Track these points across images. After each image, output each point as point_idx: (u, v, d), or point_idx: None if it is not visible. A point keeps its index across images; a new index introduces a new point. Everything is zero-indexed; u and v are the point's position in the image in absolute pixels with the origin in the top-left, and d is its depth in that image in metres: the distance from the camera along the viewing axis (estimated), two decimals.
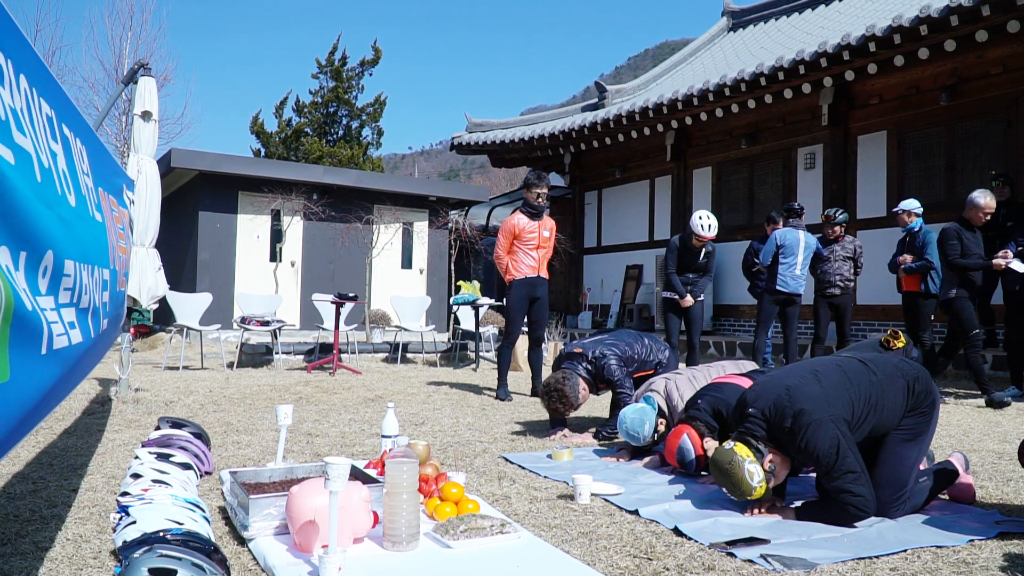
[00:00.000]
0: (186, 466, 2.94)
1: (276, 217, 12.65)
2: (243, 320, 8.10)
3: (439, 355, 9.55)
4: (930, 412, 2.81)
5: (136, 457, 2.91)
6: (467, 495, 2.70)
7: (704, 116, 11.14)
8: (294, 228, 12.82)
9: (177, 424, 3.46)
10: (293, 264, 12.91)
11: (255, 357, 8.63)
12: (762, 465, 2.64)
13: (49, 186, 1.69)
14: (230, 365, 8.18)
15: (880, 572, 2.20)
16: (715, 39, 15.59)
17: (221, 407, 5.27)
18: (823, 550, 2.35)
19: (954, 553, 2.36)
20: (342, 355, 8.67)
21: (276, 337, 8.56)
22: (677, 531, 2.55)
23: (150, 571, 1.75)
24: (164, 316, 10.42)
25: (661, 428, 3.69)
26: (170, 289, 6.54)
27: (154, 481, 2.60)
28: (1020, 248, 6.01)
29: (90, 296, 2.12)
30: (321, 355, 8.80)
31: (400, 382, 7.10)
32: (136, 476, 2.66)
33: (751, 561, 2.25)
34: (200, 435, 3.42)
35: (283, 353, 8.92)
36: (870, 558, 2.30)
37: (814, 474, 3.00)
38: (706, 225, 6.29)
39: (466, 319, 9.99)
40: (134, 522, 2.18)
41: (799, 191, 10.66)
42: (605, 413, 4.98)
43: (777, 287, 7.00)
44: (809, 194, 10.43)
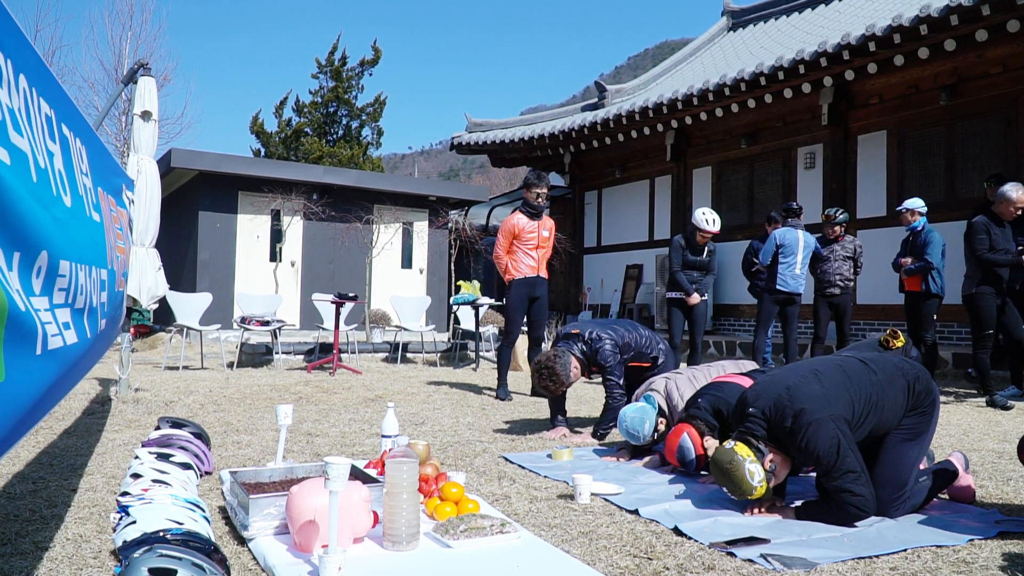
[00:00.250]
0: (186, 466, 2.94)
1: (276, 217, 12.65)
2: (243, 320, 8.10)
3: (439, 355, 9.55)
4: (930, 412, 2.81)
5: (136, 457, 2.91)
6: (467, 495, 2.70)
7: (704, 116, 11.14)
8: (294, 228, 12.82)
9: (177, 424, 3.46)
10: (293, 264, 12.91)
11: (255, 357, 8.63)
12: (762, 465, 2.64)
13: (45, 186, 1.69)
14: (230, 365, 8.19)
15: (880, 572, 2.20)
16: (715, 39, 15.59)
17: (221, 407, 5.27)
18: (823, 550, 2.35)
19: (954, 553, 2.36)
20: (342, 355, 8.67)
21: (276, 337, 8.56)
22: (677, 531, 2.55)
23: (150, 571, 1.75)
24: (164, 316, 10.42)
25: (661, 427, 3.69)
26: (170, 289, 6.54)
27: (154, 481, 2.60)
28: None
29: (86, 296, 2.12)
30: (321, 355, 8.80)
31: (400, 382, 7.10)
32: (136, 476, 2.66)
33: (751, 561, 2.25)
34: (200, 435, 3.43)
35: (283, 353, 8.92)
36: (870, 558, 2.30)
37: (814, 474, 3.00)
38: (710, 219, 6.31)
39: (466, 319, 10.00)
40: (134, 522, 2.18)
41: (799, 191, 10.66)
42: None
43: (777, 286, 6.99)
44: (809, 194, 10.43)
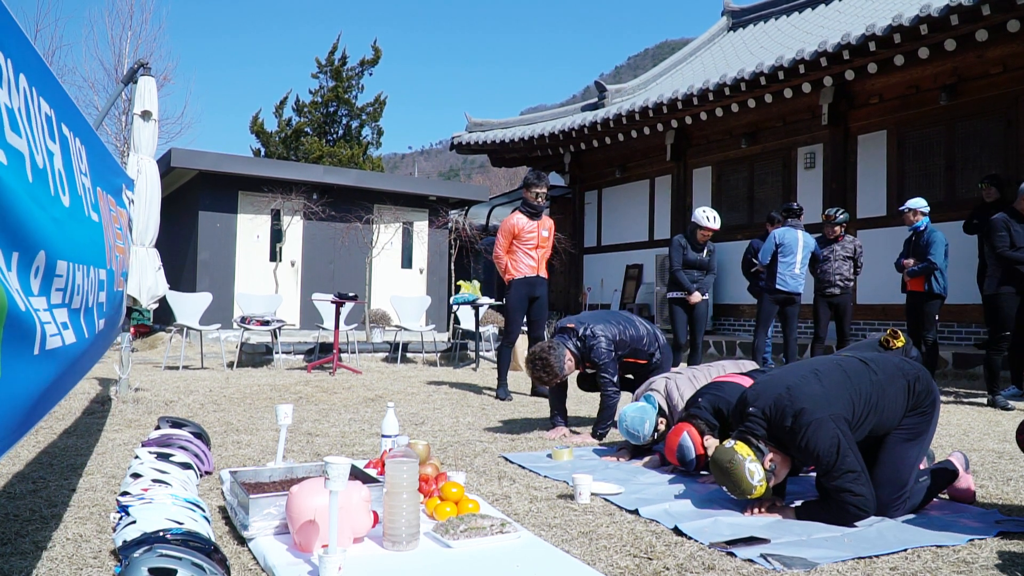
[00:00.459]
0: (186, 466, 2.94)
1: (276, 217, 12.65)
2: (243, 320, 8.10)
3: (439, 355, 9.54)
4: (930, 412, 2.81)
5: (136, 457, 2.91)
6: (467, 495, 2.70)
7: (704, 116, 11.14)
8: (294, 228, 12.82)
9: (177, 424, 3.46)
10: (293, 264, 12.90)
11: (255, 357, 8.63)
12: (762, 464, 2.64)
13: (42, 186, 1.69)
14: (230, 365, 8.18)
15: (880, 572, 2.20)
16: (715, 39, 15.59)
17: (221, 407, 5.27)
18: (823, 549, 2.35)
19: (954, 553, 2.36)
20: (342, 355, 8.67)
21: (276, 337, 8.56)
22: (677, 531, 2.55)
23: (150, 571, 1.75)
24: (164, 316, 10.42)
25: (661, 427, 3.69)
26: (170, 289, 6.54)
27: (154, 481, 2.60)
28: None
29: (83, 296, 2.11)
30: (321, 355, 8.80)
31: (400, 382, 7.10)
32: (136, 476, 2.66)
33: (751, 561, 2.25)
34: (200, 435, 3.43)
35: (283, 353, 8.92)
36: (870, 557, 2.30)
37: (814, 474, 3.00)
38: (710, 217, 6.34)
39: (466, 319, 9.99)
40: (134, 522, 2.18)
41: (799, 191, 10.66)
42: None
43: (776, 286, 6.99)
44: (809, 194, 10.43)
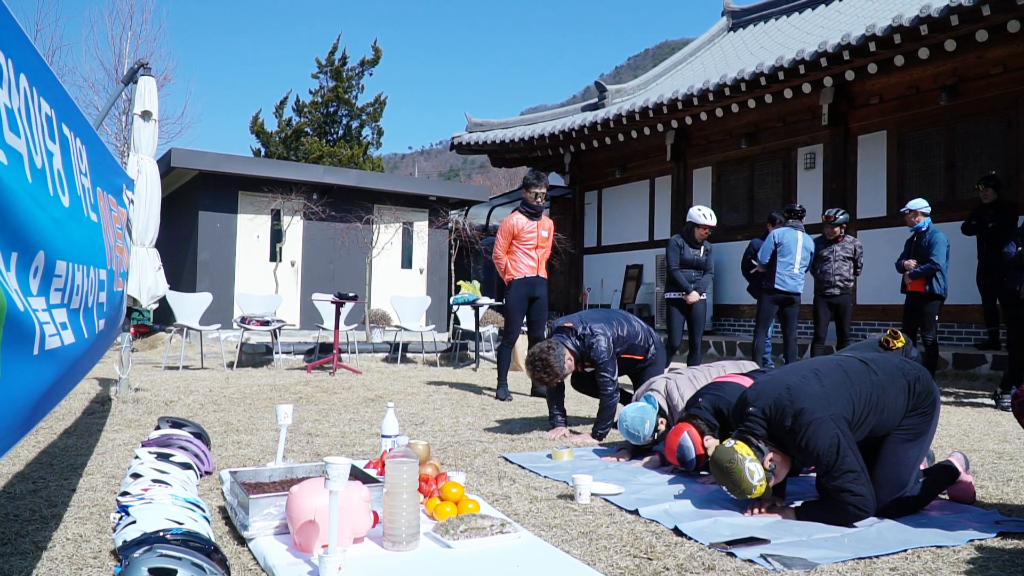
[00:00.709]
0: (186, 466, 2.94)
1: (276, 217, 12.65)
2: (243, 320, 8.10)
3: (439, 355, 9.54)
4: (931, 412, 2.81)
5: (136, 457, 2.91)
6: (467, 495, 2.70)
7: (704, 116, 11.14)
8: (294, 228, 12.82)
9: (177, 424, 3.46)
10: (293, 264, 12.91)
11: (255, 357, 8.63)
12: (762, 464, 2.64)
13: (41, 186, 1.69)
14: (230, 365, 8.18)
15: (880, 572, 2.20)
16: (715, 39, 15.59)
17: (221, 407, 5.27)
18: (823, 550, 2.35)
19: (954, 553, 2.36)
20: (342, 355, 8.67)
21: (276, 337, 8.56)
22: (677, 531, 2.55)
23: (150, 571, 1.75)
24: (164, 316, 10.41)
25: (661, 427, 3.69)
26: (170, 289, 6.54)
27: (154, 481, 2.60)
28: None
29: (83, 296, 2.11)
30: (321, 355, 8.80)
31: (400, 382, 7.10)
32: (136, 476, 2.66)
33: (751, 561, 2.25)
34: (200, 435, 3.42)
35: (283, 353, 8.92)
36: (870, 558, 2.30)
37: (814, 474, 3.00)
38: (707, 214, 6.39)
39: (466, 319, 9.99)
40: (134, 522, 2.18)
41: (799, 191, 10.66)
42: None
43: (776, 286, 6.99)
44: (809, 194, 10.43)
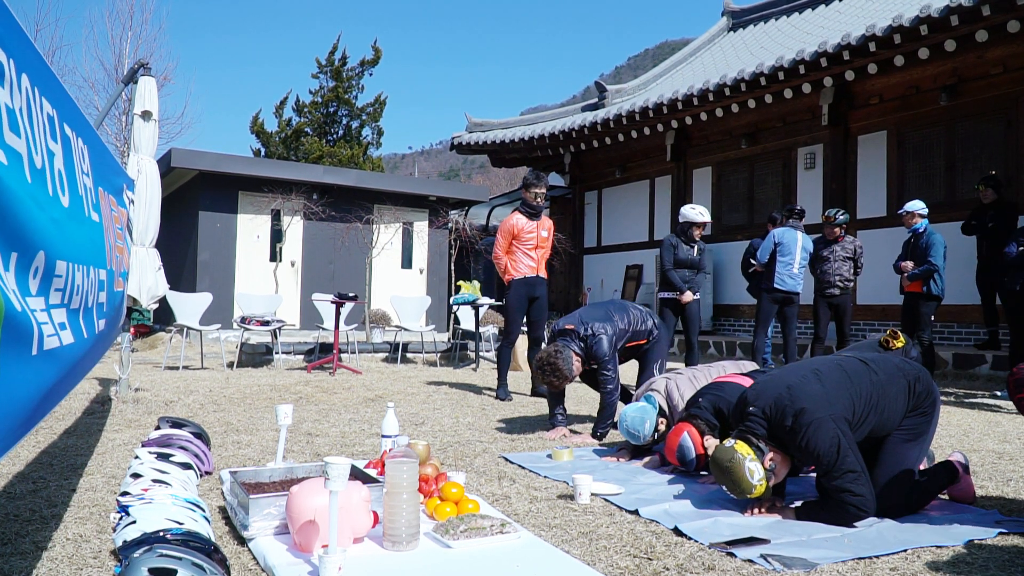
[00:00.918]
0: (186, 466, 2.94)
1: (276, 217, 12.65)
2: (243, 320, 8.10)
3: (439, 355, 9.54)
4: (931, 412, 2.81)
5: (136, 457, 2.91)
6: (467, 495, 2.70)
7: (704, 116, 11.14)
8: (294, 228, 12.82)
9: (177, 424, 3.46)
10: (293, 264, 12.90)
11: (255, 357, 8.63)
12: (762, 463, 2.64)
13: (41, 186, 1.68)
14: (230, 365, 8.18)
15: (880, 572, 2.20)
16: (715, 39, 15.59)
17: (221, 407, 5.27)
18: (823, 550, 2.35)
19: (954, 553, 2.36)
20: (342, 355, 8.67)
21: (276, 337, 8.56)
22: (677, 531, 2.55)
23: (150, 571, 1.75)
24: (164, 316, 10.41)
25: (661, 427, 3.69)
26: (170, 289, 6.54)
27: (154, 481, 2.60)
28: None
29: (83, 297, 2.11)
30: (321, 355, 8.80)
31: (400, 382, 7.09)
32: (136, 476, 2.66)
33: (751, 561, 2.25)
34: (200, 435, 3.42)
35: (283, 353, 8.92)
36: (870, 558, 2.30)
37: (814, 474, 3.00)
38: (701, 211, 6.45)
39: (466, 319, 9.99)
40: (134, 522, 2.18)
41: (799, 191, 10.66)
42: None
43: (775, 285, 7.00)
44: (809, 194, 10.43)
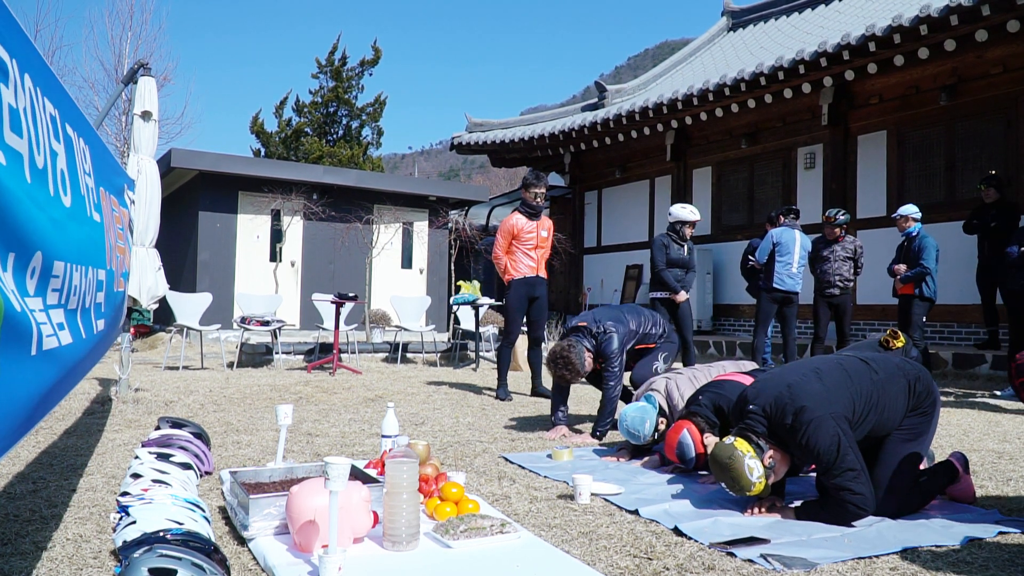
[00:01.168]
0: (186, 466, 2.94)
1: (276, 217, 12.65)
2: (243, 320, 8.09)
3: (439, 355, 9.54)
4: (931, 412, 2.81)
5: (136, 457, 2.91)
6: (467, 495, 2.70)
7: (704, 116, 11.14)
8: (294, 228, 12.82)
9: (177, 424, 3.46)
10: (293, 264, 12.90)
11: (255, 357, 8.63)
12: (762, 461, 2.64)
13: (41, 187, 1.68)
14: (230, 365, 8.18)
15: (880, 572, 2.20)
16: (715, 39, 15.59)
17: (221, 407, 5.27)
18: (823, 550, 2.35)
19: (954, 553, 2.36)
20: (342, 355, 8.67)
21: (276, 337, 8.56)
22: (677, 531, 2.55)
23: (150, 571, 1.75)
24: (164, 316, 10.42)
25: (661, 427, 3.69)
26: (170, 289, 6.54)
27: (154, 481, 2.60)
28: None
29: (80, 297, 2.11)
30: (321, 355, 8.80)
31: (400, 382, 7.09)
32: (136, 476, 2.66)
33: (751, 561, 2.25)
34: (200, 435, 3.42)
35: (283, 353, 8.91)
36: (870, 558, 2.30)
37: (814, 474, 3.00)
38: (692, 209, 6.52)
39: (466, 319, 9.99)
40: (134, 522, 2.18)
41: (799, 191, 10.66)
42: None
43: (775, 285, 7.01)
44: (809, 194, 10.43)
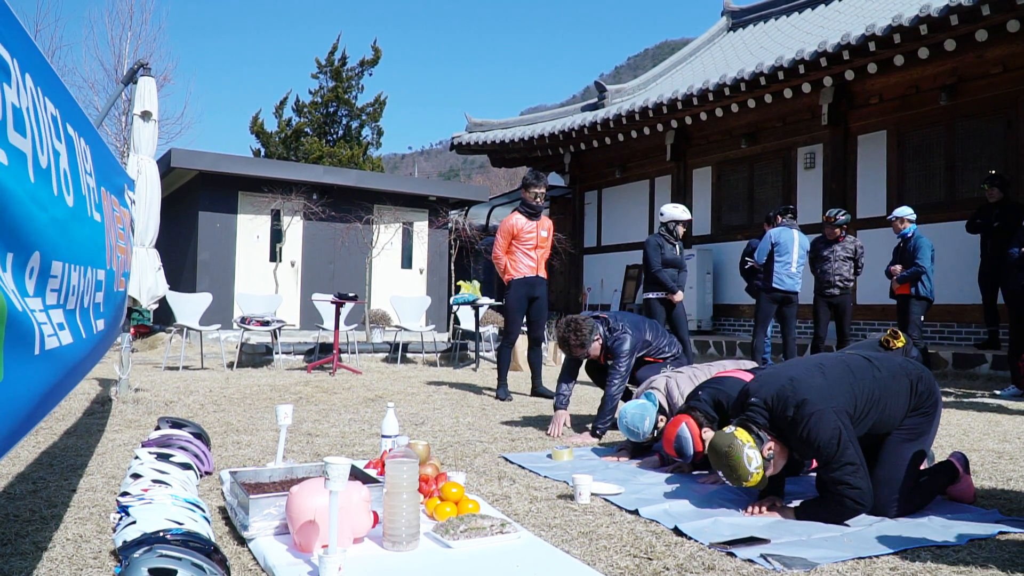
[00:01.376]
0: (186, 466, 2.94)
1: (276, 217, 12.65)
2: (243, 320, 8.09)
3: (439, 355, 9.54)
4: (932, 413, 2.81)
5: (136, 457, 2.91)
6: (467, 495, 2.70)
7: (704, 116, 11.14)
8: (294, 228, 12.82)
9: (177, 424, 3.46)
10: (293, 264, 12.90)
11: (255, 357, 8.63)
12: (761, 452, 2.64)
13: (45, 187, 1.68)
14: (230, 365, 8.18)
15: (880, 572, 2.20)
16: (715, 39, 15.59)
17: (221, 407, 5.27)
18: (823, 550, 2.35)
19: (954, 553, 2.36)
20: (342, 355, 8.67)
21: (276, 337, 8.56)
22: (677, 531, 2.55)
23: (150, 571, 1.75)
24: (164, 316, 10.42)
25: (661, 425, 3.69)
26: (170, 289, 6.54)
27: (154, 481, 2.60)
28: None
29: (79, 297, 2.11)
30: (321, 355, 8.80)
31: (400, 382, 7.09)
32: (136, 476, 2.65)
33: (751, 561, 2.25)
34: (200, 435, 3.42)
35: (283, 353, 8.91)
36: (870, 558, 2.30)
37: (814, 474, 3.00)
38: (684, 209, 6.61)
39: (466, 319, 9.99)
40: (134, 522, 2.18)
41: (799, 191, 10.66)
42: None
43: (774, 285, 7.02)
44: (809, 194, 10.43)
